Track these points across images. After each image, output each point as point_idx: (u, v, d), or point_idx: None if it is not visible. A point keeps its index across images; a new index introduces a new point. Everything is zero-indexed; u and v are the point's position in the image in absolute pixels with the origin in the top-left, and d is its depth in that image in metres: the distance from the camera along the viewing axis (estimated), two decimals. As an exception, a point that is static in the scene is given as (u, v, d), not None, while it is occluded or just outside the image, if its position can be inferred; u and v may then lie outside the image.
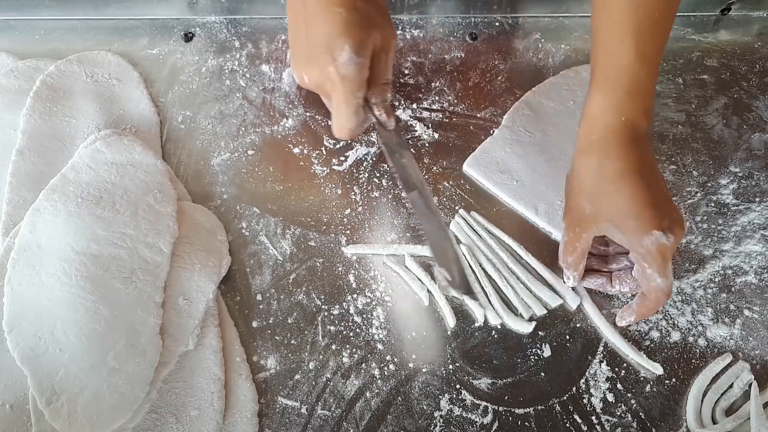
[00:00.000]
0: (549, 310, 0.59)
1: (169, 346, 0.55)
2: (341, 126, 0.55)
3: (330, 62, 0.52)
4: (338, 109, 0.54)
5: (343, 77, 0.52)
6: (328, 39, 0.51)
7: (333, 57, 0.51)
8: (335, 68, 0.52)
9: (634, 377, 0.57)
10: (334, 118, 0.55)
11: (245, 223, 0.63)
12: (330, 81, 0.53)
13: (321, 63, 0.52)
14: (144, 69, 0.72)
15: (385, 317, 0.59)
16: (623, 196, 0.52)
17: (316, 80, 0.53)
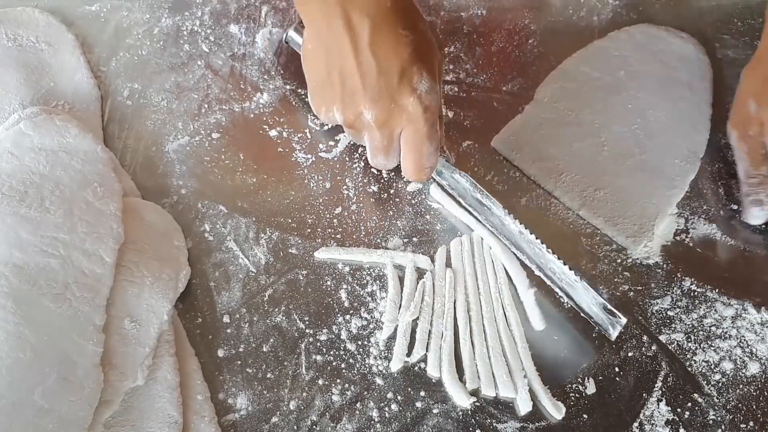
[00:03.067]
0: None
1: (113, 381, 0.55)
2: (421, 167, 0.59)
3: (409, 92, 0.55)
4: (418, 147, 0.58)
5: (426, 108, 0.56)
6: (400, 66, 0.54)
7: (412, 86, 0.55)
8: (417, 99, 0.55)
9: (701, 420, 0.57)
10: (408, 158, 0.59)
11: (209, 225, 0.64)
12: (407, 114, 0.56)
13: (395, 94, 0.55)
14: (80, 30, 0.73)
15: (385, 344, 0.59)
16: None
17: (385, 115, 0.56)
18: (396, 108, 0.56)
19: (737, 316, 0.61)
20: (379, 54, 0.55)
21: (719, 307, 0.61)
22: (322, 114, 0.61)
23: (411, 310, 0.60)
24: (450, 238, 0.64)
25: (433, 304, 0.61)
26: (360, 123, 0.58)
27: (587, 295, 0.60)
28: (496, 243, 0.63)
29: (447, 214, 0.65)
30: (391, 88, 0.55)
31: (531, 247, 0.61)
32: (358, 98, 0.56)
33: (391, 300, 0.61)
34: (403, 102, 0.56)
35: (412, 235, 0.64)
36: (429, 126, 0.57)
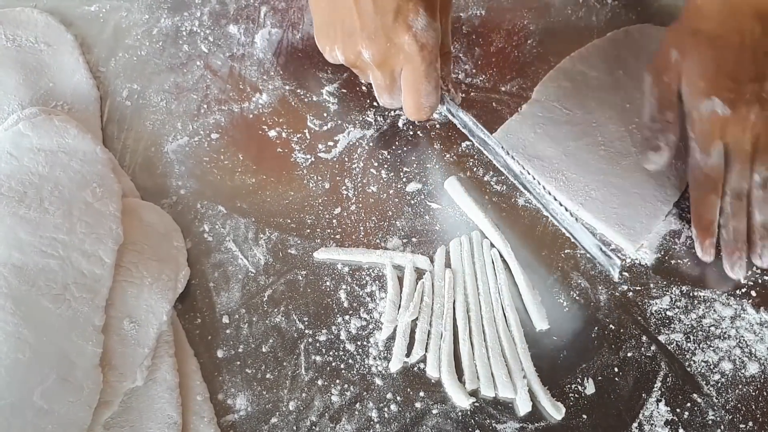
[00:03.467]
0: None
1: (112, 382, 0.55)
2: (419, 105, 0.59)
3: (404, 30, 0.54)
4: (415, 86, 0.58)
5: (423, 46, 0.55)
6: (396, 3, 0.54)
7: (407, 24, 0.54)
8: (412, 36, 0.55)
9: (700, 420, 0.57)
10: (408, 97, 0.59)
11: (208, 226, 0.64)
12: (404, 53, 0.55)
13: (390, 32, 0.55)
14: (79, 30, 0.73)
15: (384, 345, 0.59)
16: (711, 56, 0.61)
17: (382, 54, 0.56)
18: (392, 47, 0.56)
19: (736, 317, 0.61)
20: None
21: (718, 307, 0.61)
22: (326, 53, 0.61)
23: (410, 311, 0.60)
24: (449, 238, 0.64)
25: (433, 305, 0.61)
26: (361, 62, 0.58)
27: (586, 237, 0.60)
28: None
29: (447, 215, 0.65)
30: (387, 27, 0.55)
31: (532, 186, 0.62)
32: (356, 37, 0.56)
33: (390, 300, 0.61)
34: (399, 40, 0.55)
35: (411, 235, 0.64)
36: (426, 64, 0.56)
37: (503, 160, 0.63)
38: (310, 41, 0.73)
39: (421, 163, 0.67)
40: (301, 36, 0.73)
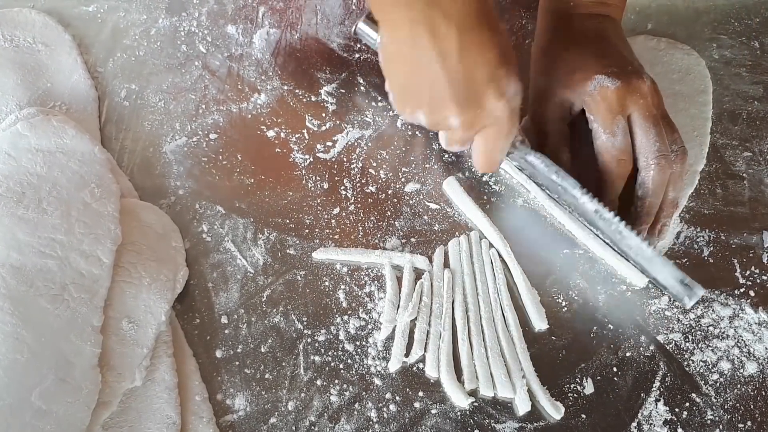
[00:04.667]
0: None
1: (111, 382, 0.55)
2: (494, 161, 0.61)
3: (498, 97, 0.55)
4: (494, 144, 0.59)
5: (512, 111, 0.57)
6: (489, 71, 0.55)
7: (500, 92, 0.55)
8: (505, 103, 0.56)
9: (699, 420, 0.58)
10: (483, 152, 0.59)
11: (206, 226, 0.64)
12: (492, 117, 0.56)
13: (482, 99, 0.55)
14: (77, 31, 0.73)
15: (383, 345, 0.59)
16: (571, 57, 0.63)
17: (471, 120, 0.57)
18: (483, 112, 0.56)
19: (735, 316, 0.61)
20: (467, 61, 0.54)
21: (716, 307, 0.62)
22: (406, 115, 0.61)
23: (409, 311, 0.60)
24: (448, 238, 0.64)
25: (432, 305, 0.61)
26: (444, 125, 0.59)
27: (664, 269, 0.60)
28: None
29: (445, 215, 0.65)
30: (479, 94, 0.55)
31: (607, 224, 0.61)
32: (445, 104, 0.56)
33: (389, 300, 0.61)
34: (491, 107, 0.56)
35: (410, 235, 0.64)
36: (511, 125, 0.58)
37: (575, 200, 0.62)
38: (308, 41, 0.74)
39: (420, 163, 0.68)
40: (299, 36, 0.74)
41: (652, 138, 0.60)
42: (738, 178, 0.68)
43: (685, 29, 0.75)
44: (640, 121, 0.61)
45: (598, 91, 0.61)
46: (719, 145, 0.69)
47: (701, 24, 0.76)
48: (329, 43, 0.74)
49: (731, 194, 0.67)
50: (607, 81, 0.61)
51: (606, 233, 0.62)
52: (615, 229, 0.61)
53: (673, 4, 0.77)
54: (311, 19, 0.75)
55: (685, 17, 0.76)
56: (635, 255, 0.61)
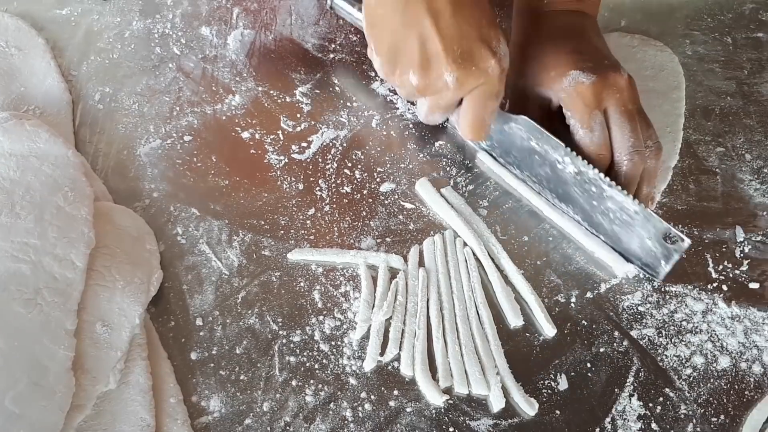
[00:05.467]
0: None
1: (85, 385, 0.55)
2: (483, 123, 0.62)
3: (491, 56, 0.57)
4: (484, 105, 0.60)
5: (503, 70, 0.59)
6: (481, 30, 0.57)
7: (492, 50, 0.57)
8: (497, 62, 0.57)
9: (672, 414, 0.58)
10: (472, 115, 0.61)
11: (181, 228, 0.64)
12: (485, 75, 0.58)
13: (476, 57, 0.57)
14: (51, 34, 0.73)
15: (359, 344, 0.60)
16: (546, 55, 0.64)
17: (466, 78, 0.58)
18: (476, 70, 0.57)
19: (708, 311, 0.62)
20: (459, 19, 0.57)
21: (689, 301, 0.62)
22: (394, 78, 0.62)
23: (384, 310, 0.60)
24: (423, 237, 0.65)
25: (406, 304, 0.62)
26: (435, 86, 0.59)
27: (646, 226, 0.60)
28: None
29: (420, 214, 0.66)
30: (472, 51, 0.57)
31: (587, 187, 0.62)
32: (438, 62, 0.57)
33: (364, 300, 0.61)
34: (484, 64, 0.57)
35: (385, 235, 0.65)
36: (501, 85, 0.59)
37: (549, 169, 0.63)
38: (283, 42, 0.74)
39: (395, 163, 0.68)
40: (273, 37, 0.74)
41: (626, 133, 0.61)
42: (711, 173, 0.68)
43: (659, 26, 0.76)
44: (615, 116, 0.62)
45: (574, 87, 0.62)
46: (692, 140, 0.70)
47: (674, 20, 0.77)
48: (304, 43, 0.74)
49: (704, 190, 0.68)
50: (582, 76, 0.62)
51: (582, 202, 0.62)
52: (596, 191, 0.61)
53: (647, 1, 0.78)
54: (285, 19, 0.75)
55: (658, 14, 0.77)
56: (611, 222, 0.61)
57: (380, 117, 0.70)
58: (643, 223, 0.60)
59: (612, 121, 0.62)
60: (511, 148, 0.65)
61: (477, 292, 0.62)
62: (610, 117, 0.62)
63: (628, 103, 0.62)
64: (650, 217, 0.60)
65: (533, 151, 0.63)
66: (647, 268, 0.62)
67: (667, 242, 0.60)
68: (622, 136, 0.61)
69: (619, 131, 0.61)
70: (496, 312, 0.62)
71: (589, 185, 0.61)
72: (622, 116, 0.61)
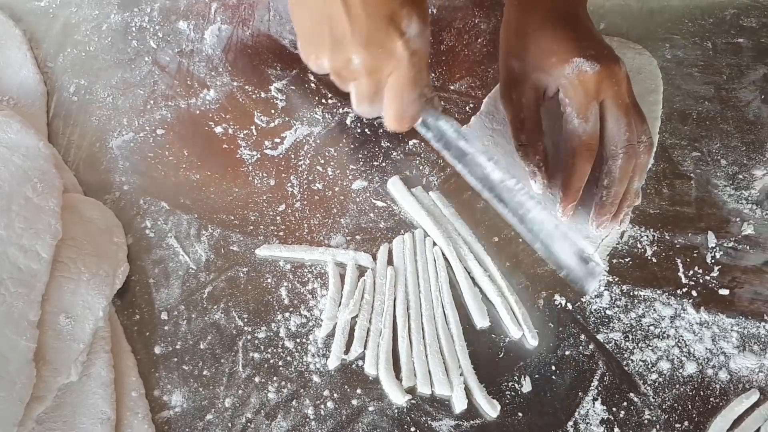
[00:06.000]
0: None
1: (46, 377, 0.55)
2: (402, 113, 0.59)
3: (398, 36, 0.54)
4: (400, 94, 0.57)
5: (414, 53, 0.55)
6: (389, 9, 0.53)
7: (400, 30, 0.54)
8: (405, 43, 0.54)
9: (636, 419, 0.58)
10: (390, 105, 0.58)
11: (150, 222, 0.64)
12: (394, 59, 0.55)
13: (383, 38, 0.54)
14: (29, 26, 0.73)
15: (324, 342, 0.60)
16: (545, 39, 0.63)
17: (372, 61, 0.55)
18: (384, 52, 0.55)
19: (676, 316, 0.62)
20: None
21: (658, 306, 0.62)
22: (311, 62, 0.60)
23: (350, 308, 0.60)
24: (393, 236, 0.65)
25: (373, 302, 0.61)
26: (348, 70, 0.58)
27: (564, 244, 0.60)
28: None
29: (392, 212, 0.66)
30: (380, 33, 0.54)
31: (512, 195, 0.61)
32: (347, 44, 0.55)
33: (330, 298, 0.61)
34: (391, 46, 0.55)
35: (355, 232, 0.65)
36: (415, 71, 0.56)
37: (482, 170, 0.62)
38: (260, 38, 0.74)
39: (368, 161, 0.68)
40: (251, 32, 0.74)
41: (623, 127, 0.61)
42: (685, 178, 0.68)
43: (639, 29, 0.76)
44: (612, 109, 0.61)
45: (576, 75, 0.61)
46: (668, 144, 0.70)
47: (655, 24, 0.76)
48: (281, 39, 0.74)
49: (678, 194, 0.67)
50: (586, 65, 0.61)
51: (511, 207, 0.61)
52: (519, 201, 0.61)
53: (627, 4, 0.77)
54: (264, 15, 0.75)
55: (638, 17, 0.77)
56: (538, 231, 0.61)
57: (355, 114, 0.70)
58: (562, 240, 0.60)
59: (609, 113, 0.61)
60: (449, 145, 0.63)
61: (444, 292, 0.62)
62: (607, 109, 0.62)
63: (625, 96, 0.62)
64: (566, 237, 0.60)
65: (464, 151, 0.62)
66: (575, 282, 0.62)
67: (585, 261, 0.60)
68: (619, 130, 0.61)
69: (616, 124, 0.61)
70: (462, 312, 0.61)
71: (512, 194, 0.61)
72: (620, 109, 0.61)
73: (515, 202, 0.61)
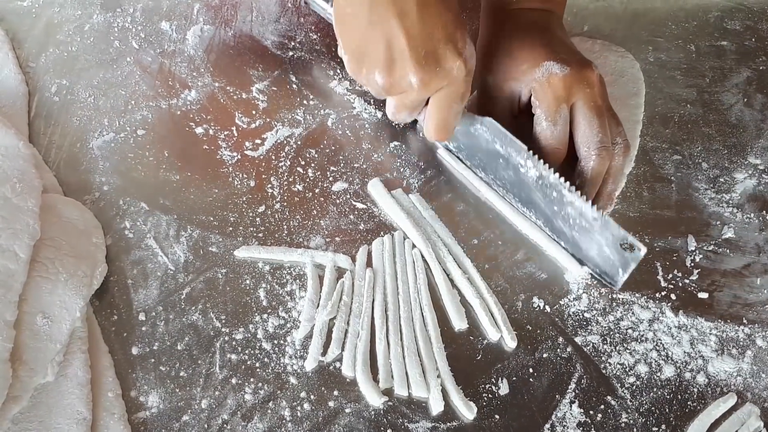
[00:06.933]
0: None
1: (22, 377, 0.55)
2: (447, 125, 0.62)
3: (456, 56, 0.58)
4: (449, 107, 0.61)
5: (469, 72, 0.59)
6: (447, 31, 0.57)
7: (458, 51, 0.57)
8: (462, 63, 0.58)
9: (613, 423, 0.58)
10: (437, 116, 0.61)
11: (129, 222, 0.64)
12: (450, 77, 0.58)
13: (441, 58, 0.57)
14: (11, 25, 0.73)
15: (301, 344, 0.60)
16: (516, 48, 0.64)
17: (429, 80, 0.58)
18: (441, 71, 0.58)
19: (654, 319, 0.62)
20: (426, 19, 0.57)
21: (637, 309, 0.62)
22: (361, 77, 0.62)
23: (328, 310, 0.61)
24: (373, 238, 0.65)
25: (351, 304, 0.62)
26: (399, 86, 0.60)
27: (603, 233, 0.60)
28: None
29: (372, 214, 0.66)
30: (437, 53, 0.57)
31: (548, 191, 0.62)
32: (404, 63, 0.58)
33: (309, 299, 0.62)
34: (449, 65, 0.58)
35: (335, 234, 0.65)
36: (466, 87, 0.60)
37: (513, 173, 0.63)
38: (242, 38, 0.74)
39: (349, 162, 0.68)
40: (233, 33, 0.74)
41: (595, 128, 0.62)
42: (666, 181, 0.69)
43: (622, 31, 0.76)
44: (584, 111, 0.62)
45: (546, 78, 0.62)
46: (649, 148, 0.70)
47: (638, 26, 0.77)
48: (263, 40, 0.74)
49: (658, 197, 0.68)
50: (555, 67, 0.62)
51: (544, 207, 0.63)
52: (556, 196, 0.61)
53: (611, 6, 0.78)
54: (246, 16, 0.75)
55: (622, 19, 0.77)
56: (571, 228, 0.62)
57: (336, 116, 0.71)
58: (601, 230, 0.60)
59: (580, 115, 0.62)
60: (477, 151, 0.65)
61: (423, 294, 0.62)
62: (579, 111, 0.62)
63: (598, 99, 0.62)
64: (608, 224, 0.60)
65: (497, 154, 0.64)
66: (605, 276, 0.63)
67: (624, 250, 0.60)
68: (591, 131, 0.62)
69: (588, 126, 0.62)
70: (441, 314, 0.62)
71: (550, 190, 0.62)
72: (591, 111, 0.62)
73: (553, 197, 0.62)
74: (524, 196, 0.64)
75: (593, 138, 0.62)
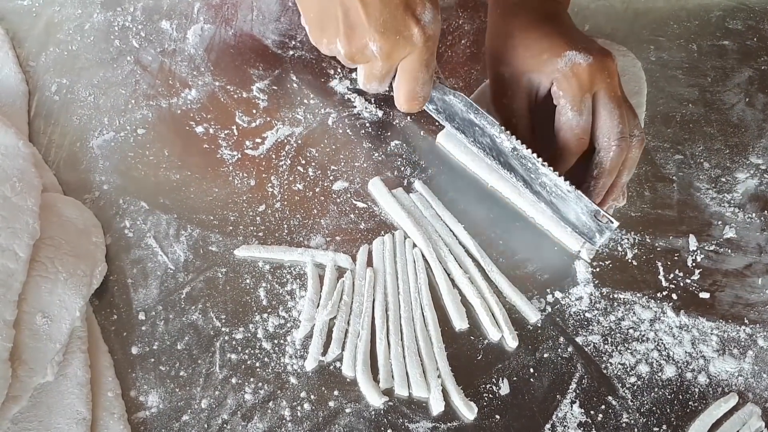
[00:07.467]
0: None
1: (22, 377, 0.55)
2: (415, 94, 0.62)
3: (414, 23, 0.57)
4: (414, 76, 0.61)
5: (428, 38, 0.58)
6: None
7: (416, 17, 0.57)
8: (421, 29, 0.57)
9: (614, 423, 0.58)
10: (404, 86, 0.61)
11: (129, 222, 0.64)
12: (410, 45, 0.58)
13: (399, 25, 0.57)
14: (11, 24, 0.73)
15: (301, 344, 0.60)
16: (533, 39, 0.64)
17: (389, 47, 0.58)
18: (401, 38, 0.57)
19: (656, 319, 0.62)
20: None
21: (638, 309, 0.62)
22: (323, 47, 0.62)
23: (328, 309, 0.61)
24: (373, 237, 0.65)
25: (352, 304, 0.62)
26: (362, 55, 0.59)
27: (578, 204, 0.61)
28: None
29: (372, 213, 0.66)
30: (396, 20, 0.56)
31: (523, 163, 0.62)
32: (362, 31, 0.57)
33: (309, 299, 0.61)
34: (408, 33, 0.57)
35: (335, 233, 0.65)
36: (429, 54, 0.59)
37: (489, 140, 0.63)
38: (243, 37, 0.74)
39: (349, 161, 0.68)
40: (234, 32, 0.74)
41: (616, 119, 0.61)
42: (667, 180, 0.69)
43: (623, 30, 0.76)
44: (605, 101, 0.62)
45: (570, 68, 0.62)
46: (650, 147, 0.70)
47: (640, 25, 0.77)
48: (264, 39, 0.74)
49: (660, 197, 0.68)
50: (579, 57, 0.61)
51: (521, 173, 0.63)
52: (530, 167, 0.62)
53: (612, 5, 0.78)
54: (247, 15, 0.75)
55: (623, 18, 0.77)
56: (548, 193, 0.62)
57: (337, 115, 0.70)
58: (576, 201, 0.61)
59: (602, 105, 0.62)
60: (454, 116, 0.65)
61: (423, 293, 0.62)
62: (600, 101, 0.62)
63: (617, 89, 0.62)
64: (581, 198, 0.61)
65: (473, 122, 0.64)
66: (584, 237, 0.63)
67: (599, 221, 0.61)
68: (612, 122, 0.61)
69: (609, 116, 0.61)
70: (441, 314, 0.62)
71: (525, 161, 0.62)
72: (612, 101, 0.62)
73: (527, 169, 0.62)
74: (503, 161, 0.64)
75: (614, 129, 0.61)
